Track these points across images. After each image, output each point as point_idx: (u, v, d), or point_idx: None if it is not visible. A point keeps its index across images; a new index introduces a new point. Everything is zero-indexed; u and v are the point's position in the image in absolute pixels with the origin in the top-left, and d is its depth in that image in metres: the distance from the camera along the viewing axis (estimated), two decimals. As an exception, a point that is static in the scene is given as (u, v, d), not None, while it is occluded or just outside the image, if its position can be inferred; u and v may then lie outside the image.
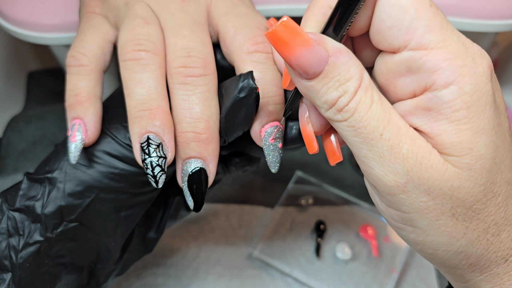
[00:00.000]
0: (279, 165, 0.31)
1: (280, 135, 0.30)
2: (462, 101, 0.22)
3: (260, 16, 0.32)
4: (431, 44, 0.22)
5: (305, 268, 0.50)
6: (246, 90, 0.28)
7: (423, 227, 0.24)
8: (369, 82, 0.23)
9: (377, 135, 0.23)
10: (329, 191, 0.56)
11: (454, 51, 0.22)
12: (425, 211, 0.24)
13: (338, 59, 0.23)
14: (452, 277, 0.27)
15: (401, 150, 0.23)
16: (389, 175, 0.23)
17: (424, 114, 0.23)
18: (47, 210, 0.31)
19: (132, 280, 0.48)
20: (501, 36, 0.66)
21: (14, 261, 0.30)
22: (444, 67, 0.22)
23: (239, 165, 0.37)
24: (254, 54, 0.29)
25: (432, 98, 0.22)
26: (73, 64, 0.31)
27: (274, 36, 0.22)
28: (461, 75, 0.22)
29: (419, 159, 0.23)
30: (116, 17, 0.32)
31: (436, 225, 0.24)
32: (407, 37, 0.23)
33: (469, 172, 0.23)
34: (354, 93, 0.23)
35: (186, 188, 0.29)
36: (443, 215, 0.24)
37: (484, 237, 0.24)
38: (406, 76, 0.23)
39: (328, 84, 0.23)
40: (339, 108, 0.23)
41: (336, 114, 0.23)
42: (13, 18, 0.50)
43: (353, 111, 0.23)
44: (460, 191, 0.23)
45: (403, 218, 0.25)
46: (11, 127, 0.58)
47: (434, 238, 0.24)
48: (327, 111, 0.24)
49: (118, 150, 0.31)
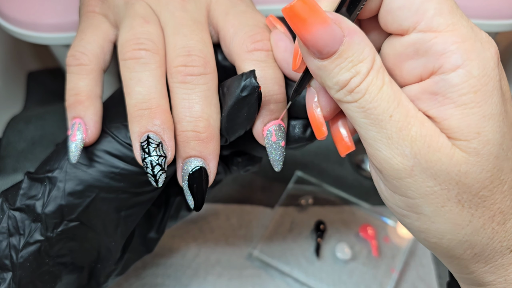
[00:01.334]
0: (282, 163, 0.30)
1: (283, 133, 0.30)
2: (470, 85, 0.22)
3: (259, 14, 0.32)
4: (441, 26, 0.22)
5: (305, 268, 0.50)
6: (248, 89, 0.28)
7: (428, 213, 0.24)
8: (381, 64, 0.23)
9: (387, 117, 0.23)
10: (329, 191, 0.56)
11: (463, 35, 0.22)
12: (431, 196, 0.23)
13: (353, 40, 0.22)
14: (456, 268, 0.27)
15: (410, 132, 0.23)
16: (397, 158, 0.23)
17: (430, 99, 0.23)
18: (48, 210, 0.31)
19: (131, 280, 0.48)
20: (501, 36, 0.66)
21: (14, 261, 0.30)
22: (452, 50, 0.22)
23: (241, 165, 0.37)
24: (254, 52, 0.29)
25: (439, 82, 0.22)
26: (73, 63, 0.31)
27: (292, 12, 0.22)
28: (469, 59, 0.22)
29: (427, 142, 0.23)
30: (116, 16, 0.32)
31: (441, 212, 0.24)
32: (416, 18, 0.22)
33: (476, 158, 0.22)
34: (366, 74, 0.23)
35: (186, 187, 0.29)
36: (449, 201, 0.23)
37: (489, 226, 0.24)
38: (413, 59, 0.23)
39: (342, 65, 0.23)
40: (350, 89, 0.23)
41: (347, 95, 0.23)
42: (13, 18, 0.50)
43: (364, 92, 0.23)
44: (467, 177, 0.23)
45: (408, 204, 0.25)
46: (11, 127, 0.58)
47: (439, 225, 0.24)
48: (338, 92, 0.24)
49: (119, 150, 0.31)
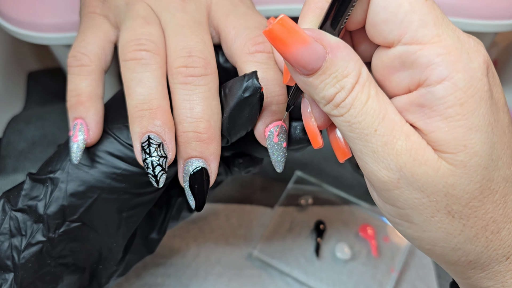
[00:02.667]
0: (284, 164, 0.31)
1: (284, 134, 0.30)
2: (455, 98, 0.22)
3: (260, 16, 0.32)
4: (425, 38, 0.22)
5: (304, 268, 0.50)
6: (250, 90, 0.28)
7: (419, 223, 0.24)
8: (367, 77, 0.23)
9: (372, 131, 0.23)
10: (329, 191, 0.56)
11: (448, 46, 0.22)
12: (420, 207, 0.24)
13: (336, 56, 0.23)
14: (453, 273, 0.27)
15: (394, 146, 0.23)
16: (383, 171, 0.23)
17: (418, 111, 0.23)
18: (50, 210, 0.31)
19: (132, 280, 0.48)
20: (501, 36, 0.67)
21: (16, 261, 0.31)
22: (437, 62, 0.22)
23: (242, 166, 0.37)
24: (255, 54, 0.30)
25: (425, 94, 0.22)
26: (75, 64, 0.31)
27: (272, 34, 0.23)
28: (454, 71, 0.22)
29: (412, 155, 0.23)
30: (117, 17, 0.32)
31: (432, 222, 0.24)
32: (401, 31, 0.22)
33: (463, 170, 0.23)
34: (351, 89, 0.23)
35: (187, 187, 0.30)
36: (439, 212, 0.24)
37: (483, 235, 0.24)
38: (400, 71, 0.23)
39: (326, 81, 0.23)
40: (336, 104, 0.23)
41: (333, 109, 0.23)
42: (13, 18, 0.50)
43: (349, 107, 0.23)
44: (455, 188, 0.23)
45: (399, 214, 0.25)
46: (11, 127, 0.58)
47: (430, 234, 0.24)
48: (325, 106, 0.24)
49: (120, 150, 0.31)
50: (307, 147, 0.32)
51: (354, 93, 0.23)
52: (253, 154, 0.36)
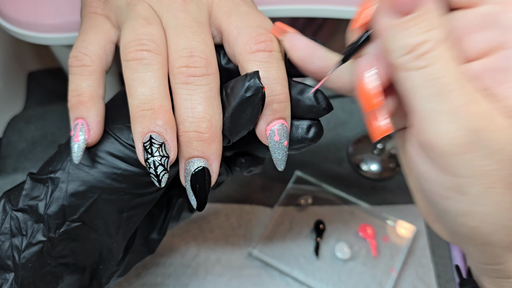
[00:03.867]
0: (285, 163, 0.31)
1: (286, 133, 0.30)
2: None
3: (262, 15, 0.32)
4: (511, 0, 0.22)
5: (304, 268, 0.50)
6: (252, 89, 0.28)
7: (474, 194, 0.23)
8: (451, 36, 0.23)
9: (455, 87, 0.22)
10: (328, 190, 0.56)
11: None
12: (483, 175, 0.23)
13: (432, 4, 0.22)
14: (486, 257, 0.26)
15: (474, 108, 0.22)
16: (456, 132, 0.22)
17: (493, 76, 0.22)
18: (50, 210, 0.31)
19: (131, 279, 0.48)
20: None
21: (17, 261, 0.31)
22: None
23: (244, 166, 0.37)
24: (257, 53, 0.30)
25: (504, 58, 0.22)
26: (76, 65, 0.31)
27: None
28: None
29: (489, 119, 0.22)
30: (118, 17, 0.32)
31: (488, 193, 0.23)
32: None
33: None
34: (440, 41, 0.22)
35: (189, 187, 0.30)
36: (499, 182, 0.23)
37: None
38: (479, 32, 0.23)
39: (417, 26, 0.22)
40: (419, 54, 0.22)
41: (414, 60, 0.22)
42: (13, 18, 0.50)
43: (437, 59, 0.22)
44: None
45: (455, 184, 0.24)
46: (11, 127, 0.58)
47: (483, 208, 0.24)
48: (402, 57, 0.23)
49: (121, 151, 0.31)
50: (308, 147, 0.32)
51: (444, 45, 0.22)
52: (255, 154, 0.36)
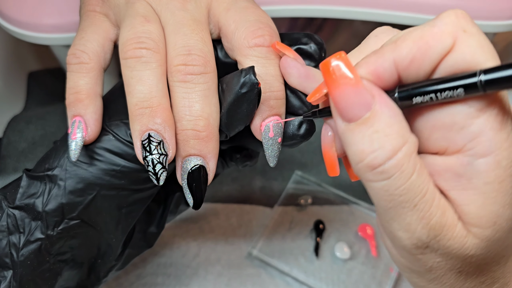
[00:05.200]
0: (277, 159, 0.31)
1: (280, 129, 0.30)
2: (496, 175, 0.21)
3: (260, 10, 0.32)
4: None
5: (304, 268, 0.50)
6: (247, 86, 0.28)
7: (428, 278, 0.25)
8: (414, 149, 0.22)
9: (411, 206, 0.22)
10: (328, 190, 0.56)
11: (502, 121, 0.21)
12: (435, 268, 0.24)
13: (382, 110, 0.21)
14: None
15: (430, 222, 0.22)
16: (412, 239, 0.23)
17: (453, 179, 0.22)
18: (48, 208, 0.31)
19: (132, 279, 0.48)
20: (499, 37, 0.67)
21: (15, 259, 0.31)
22: (489, 135, 0.21)
23: (239, 161, 0.37)
24: (255, 48, 0.30)
25: (466, 165, 0.22)
26: (74, 62, 0.31)
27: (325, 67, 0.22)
28: (501, 148, 0.21)
29: (444, 231, 0.22)
30: (117, 15, 0.33)
31: (441, 279, 0.25)
32: None
33: (486, 243, 0.23)
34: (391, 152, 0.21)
35: (185, 185, 0.30)
36: (451, 271, 0.24)
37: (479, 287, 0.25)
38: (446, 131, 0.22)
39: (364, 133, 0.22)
40: (372, 166, 0.22)
41: (368, 171, 0.22)
42: (13, 18, 0.50)
43: (391, 175, 0.21)
44: (473, 257, 0.23)
45: (412, 269, 0.25)
46: (11, 127, 0.58)
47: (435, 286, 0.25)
48: (357, 165, 0.22)
49: (119, 147, 0.31)
50: (301, 143, 0.32)
51: (398, 161, 0.21)
52: (249, 147, 0.36)
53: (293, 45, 0.31)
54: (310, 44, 0.31)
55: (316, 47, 0.31)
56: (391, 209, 0.22)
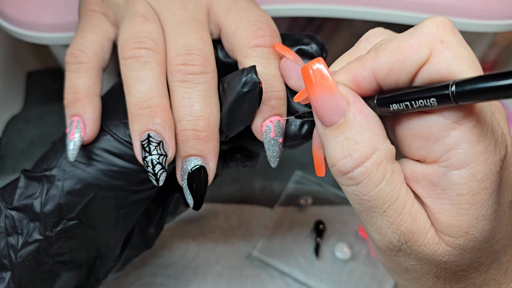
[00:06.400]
0: (279, 160, 0.31)
1: (281, 130, 0.30)
2: (470, 188, 0.22)
3: (261, 10, 0.32)
4: None
5: (304, 268, 0.50)
6: (249, 85, 0.28)
7: (407, 279, 0.26)
8: (386, 156, 0.22)
9: (380, 211, 0.23)
10: (329, 191, 0.56)
11: (480, 134, 0.21)
12: (411, 270, 0.25)
13: (355, 118, 0.22)
14: None
15: (400, 228, 0.23)
16: (384, 242, 0.24)
17: (429, 187, 0.23)
18: (46, 209, 0.31)
19: (131, 280, 0.48)
20: (500, 36, 0.67)
21: (13, 260, 0.30)
22: (464, 148, 0.21)
23: (239, 161, 0.37)
24: (256, 48, 0.30)
25: (441, 176, 0.22)
26: (72, 61, 0.31)
27: (305, 71, 0.23)
28: (476, 162, 0.21)
29: (415, 237, 0.23)
30: (116, 15, 0.32)
31: (418, 280, 0.25)
32: None
33: (459, 251, 0.23)
34: (359, 161, 0.22)
35: (186, 186, 0.29)
36: (427, 275, 0.25)
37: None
38: (424, 141, 0.22)
39: (337, 138, 0.23)
40: (341, 171, 0.23)
41: (339, 176, 0.23)
42: (12, 18, 0.50)
43: (359, 182, 0.22)
44: (447, 263, 0.24)
45: (391, 268, 0.26)
46: (10, 127, 0.58)
47: (415, 287, 0.26)
48: (332, 168, 0.23)
49: (118, 148, 0.31)
50: (302, 144, 0.32)
51: (366, 169, 0.22)
52: (250, 148, 0.36)
53: (295, 45, 0.31)
54: (311, 45, 0.31)
55: (317, 48, 0.31)
56: (363, 212, 0.23)
